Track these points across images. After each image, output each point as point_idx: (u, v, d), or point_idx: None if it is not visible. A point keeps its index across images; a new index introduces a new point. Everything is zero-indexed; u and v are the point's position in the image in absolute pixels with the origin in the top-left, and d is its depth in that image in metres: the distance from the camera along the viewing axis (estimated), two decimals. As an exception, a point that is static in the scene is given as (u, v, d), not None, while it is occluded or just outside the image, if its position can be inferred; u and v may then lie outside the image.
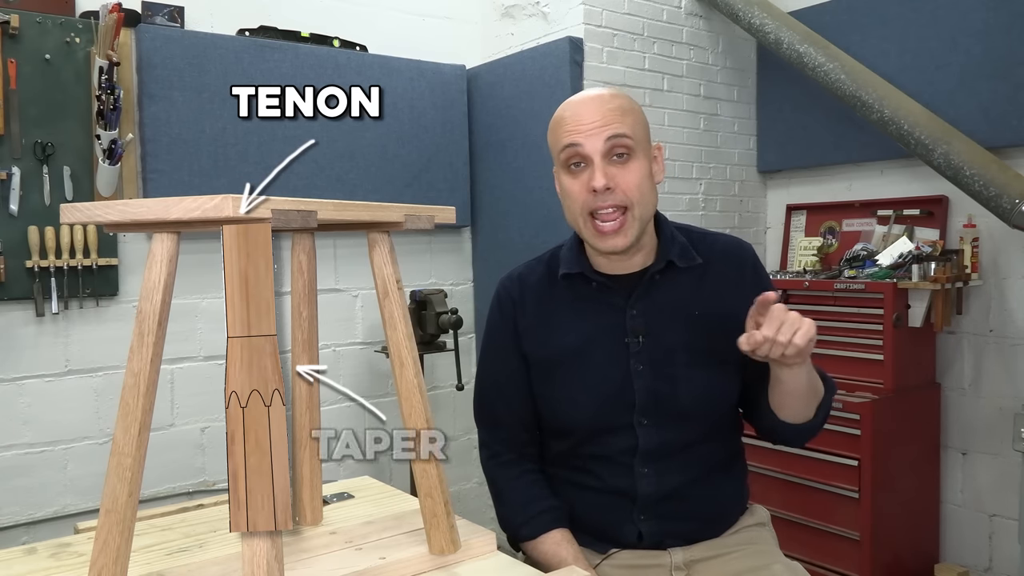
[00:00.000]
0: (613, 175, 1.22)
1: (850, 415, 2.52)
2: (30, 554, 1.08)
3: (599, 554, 1.32)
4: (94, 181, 2.36)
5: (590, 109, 1.24)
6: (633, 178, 1.22)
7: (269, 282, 0.76)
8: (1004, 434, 2.62)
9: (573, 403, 1.30)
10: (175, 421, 2.59)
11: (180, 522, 1.18)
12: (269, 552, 0.76)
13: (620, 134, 1.22)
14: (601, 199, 1.22)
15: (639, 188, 1.23)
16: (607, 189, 1.21)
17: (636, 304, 1.30)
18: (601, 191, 1.21)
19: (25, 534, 2.35)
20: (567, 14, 2.86)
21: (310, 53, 2.73)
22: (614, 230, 1.23)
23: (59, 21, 2.31)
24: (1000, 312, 2.68)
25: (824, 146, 3.13)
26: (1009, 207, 2.32)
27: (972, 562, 2.76)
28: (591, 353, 1.30)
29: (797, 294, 2.83)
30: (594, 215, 1.24)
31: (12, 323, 2.32)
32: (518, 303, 1.37)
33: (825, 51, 2.75)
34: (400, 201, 2.69)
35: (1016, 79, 2.54)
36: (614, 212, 1.22)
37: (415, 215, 0.98)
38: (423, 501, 1.01)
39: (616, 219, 1.22)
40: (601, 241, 1.24)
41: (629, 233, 1.23)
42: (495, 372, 1.40)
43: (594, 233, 1.24)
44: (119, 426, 0.82)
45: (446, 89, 3.04)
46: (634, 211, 1.23)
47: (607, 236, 1.23)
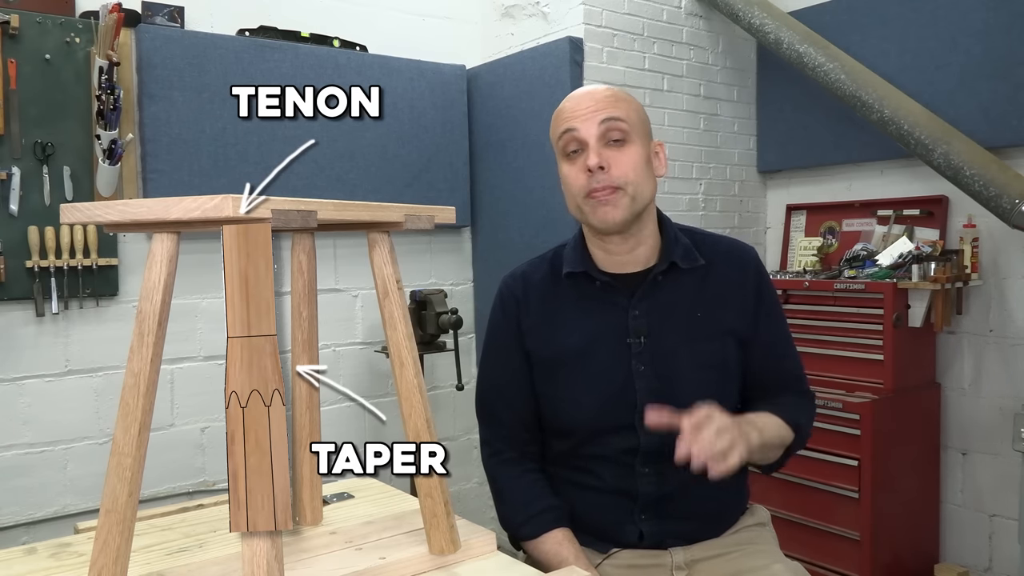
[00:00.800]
0: (608, 157, 1.24)
1: (850, 415, 2.53)
2: (30, 554, 1.08)
3: (600, 554, 1.32)
4: (94, 181, 2.36)
5: (586, 97, 1.28)
6: (628, 160, 1.25)
7: (269, 282, 0.76)
8: (1004, 434, 2.62)
9: (575, 403, 1.31)
10: (175, 421, 2.59)
11: (180, 522, 1.18)
12: (269, 552, 0.76)
13: (614, 117, 1.25)
14: (596, 180, 1.23)
15: (634, 170, 1.25)
16: (600, 168, 1.23)
17: (639, 304, 1.30)
18: (595, 169, 1.23)
19: (25, 534, 2.35)
20: (567, 14, 2.86)
21: (310, 53, 2.73)
22: (606, 199, 1.24)
23: (59, 21, 2.31)
24: (1000, 312, 2.68)
25: (824, 146, 3.13)
26: (1009, 207, 2.32)
27: (972, 562, 2.76)
28: (594, 353, 1.30)
29: (797, 294, 2.83)
30: (590, 195, 1.25)
31: (12, 323, 2.32)
32: (521, 301, 1.37)
33: (825, 51, 2.75)
34: (400, 201, 2.69)
35: (1016, 79, 2.54)
36: (608, 191, 1.24)
37: (415, 215, 0.98)
38: (423, 501, 1.01)
39: (610, 193, 1.24)
40: (596, 214, 1.25)
41: (621, 205, 1.24)
42: (497, 370, 1.40)
43: (591, 210, 1.26)
44: (119, 426, 0.82)
45: (446, 89, 3.05)
46: (627, 190, 1.24)
47: (601, 207, 1.24)
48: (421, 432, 0.99)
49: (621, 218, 1.25)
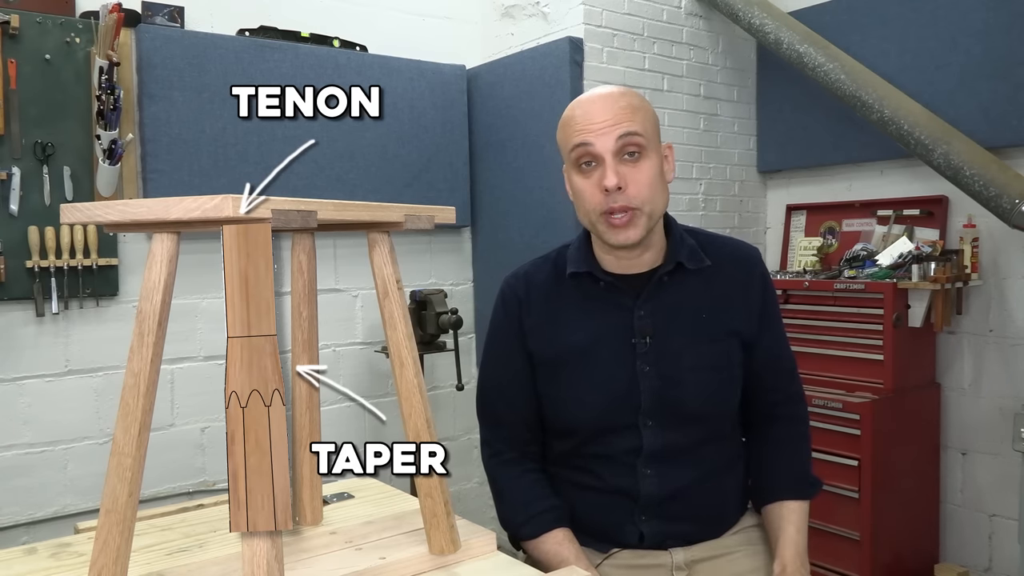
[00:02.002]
0: (624, 174, 1.22)
1: (850, 415, 2.53)
2: (30, 554, 1.08)
3: (600, 554, 1.32)
4: (94, 181, 2.36)
5: (601, 108, 1.23)
6: (644, 178, 1.23)
7: (269, 282, 0.75)
8: (1004, 434, 2.62)
9: (578, 403, 1.30)
10: (175, 421, 2.59)
11: (180, 522, 1.18)
12: (269, 552, 0.76)
13: (631, 132, 1.21)
14: (612, 200, 1.22)
15: (650, 187, 1.23)
16: (619, 189, 1.21)
17: (644, 305, 1.30)
18: (613, 190, 1.21)
19: (25, 534, 2.35)
20: (567, 14, 2.86)
21: (310, 53, 2.73)
22: (624, 223, 1.23)
23: (59, 21, 2.31)
24: (1000, 312, 2.68)
25: (824, 146, 3.13)
26: (1009, 207, 2.32)
27: (972, 562, 2.76)
28: (597, 353, 1.30)
29: (797, 294, 2.83)
30: (606, 215, 1.23)
31: (12, 323, 2.32)
32: (524, 301, 1.37)
33: (825, 51, 2.75)
34: (400, 201, 2.70)
35: (1016, 79, 2.54)
36: (625, 214, 1.22)
37: (415, 215, 0.98)
38: (423, 501, 1.01)
39: (627, 215, 1.23)
40: (614, 235, 1.24)
41: (639, 225, 1.23)
42: (498, 370, 1.40)
43: (607, 229, 1.24)
44: (119, 426, 0.82)
45: (446, 89, 3.04)
46: (644, 209, 1.23)
47: (618, 229, 1.23)
48: (421, 432, 0.99)
49: (637, 238, 1.24)
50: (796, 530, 1.30)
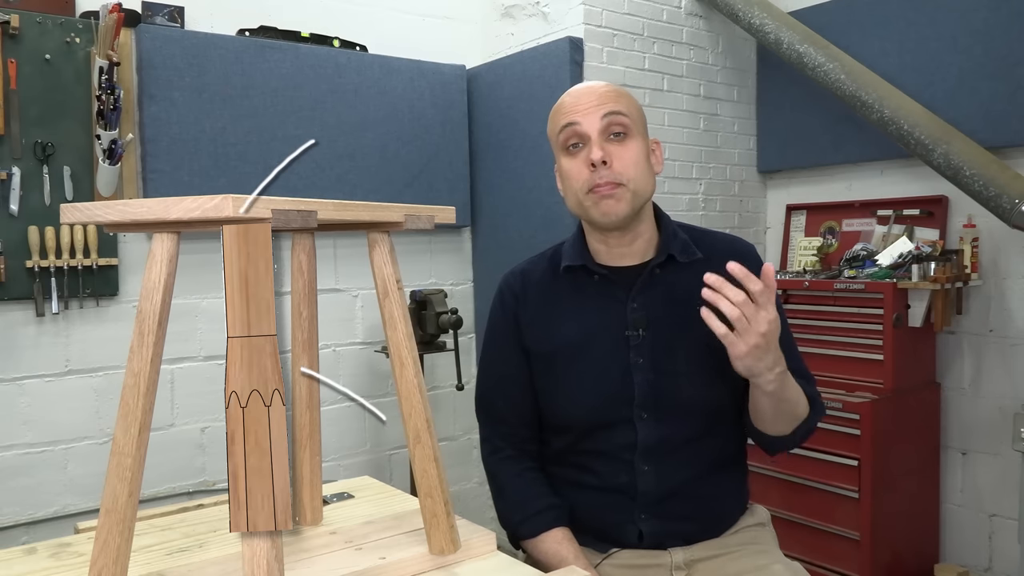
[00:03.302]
0: (610, 151, 1.25)
1: (850, 415, 2.53)
2: (30, 554, 1.08)
3: (599, 554, 1.32)
4: (94, 181, 2.36)
5: (587, 92, 1.29)
6: (630, 156, 1.25)
7: (269, 282, 0.76)
8: (1004, 434, 2.62)
9: (573, 396, 1.31)
10: (175, 421, 2.59)
11: (180, 522, 1.18)
12: (269, 552, 0.76)
13: (616, 111, 1.26)
14: (599, 175, 1.24)
15: (636, 166, 1.26)
16: (604, 163, 1.23)
17: (637, 297, 1.31)
18: (598, 164, 1.23)
19: (25, 534, 2.35)
20: (567, 14, 2.86)
21: (310, 53, 2.73)
22: (609, 192, 1.24)
23: (59, 21, 2.31)
24: (1000, 312, 2.68)
25: (824, 146, 3.13)
26: (1009, 207, 2.32)
27: (972, 562, 2.76)
28: (592, 346, 1.31)
29: (797, 294, 2.83)
30: (593, 191, 1.25)
31: (12, 323, 2.32)
32: (520, 297, 1.38)
33: (825, 51, 2.75)
34: (400, 201, 2.70)
35: (1016, 79, 2.54)
36: (610, 186, 1.25)
37: (415, 215, 0.98)
38: (423, 501, 1.01)
39: (612, 187, 1.24)
40: (600, 210, 1.25)
41: (624, 199, 1.25)
42: (497, 367, 1.40)
43: (594, 205, 1.26)
44: (119, 426, 0.82)
45: (446, 89, 3.05)
46: (629, 186, 1.25)
47: (605, 201, 1.25)
48: (421, 432, 0.99)
49: (624, 212, 1.25)
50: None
